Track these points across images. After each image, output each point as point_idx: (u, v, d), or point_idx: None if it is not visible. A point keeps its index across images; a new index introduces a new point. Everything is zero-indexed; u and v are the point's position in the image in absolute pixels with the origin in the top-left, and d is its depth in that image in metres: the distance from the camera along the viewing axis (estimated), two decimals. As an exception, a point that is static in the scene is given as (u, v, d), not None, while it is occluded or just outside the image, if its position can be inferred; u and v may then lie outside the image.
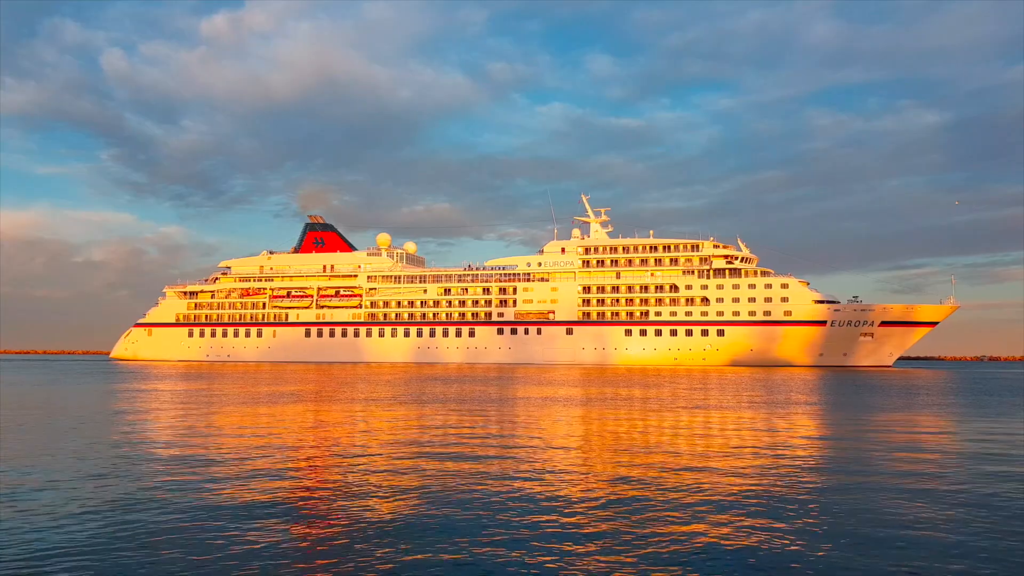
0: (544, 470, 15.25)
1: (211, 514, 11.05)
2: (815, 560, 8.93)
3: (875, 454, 18.15)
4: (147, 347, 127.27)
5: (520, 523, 10.60)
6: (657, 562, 8.78)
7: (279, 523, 10.59)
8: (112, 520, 10.57)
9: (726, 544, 9.54)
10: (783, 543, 9.59)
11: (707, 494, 12.74)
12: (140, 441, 20.13)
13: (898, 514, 11.30)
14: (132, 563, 8.66)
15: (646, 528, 10.33)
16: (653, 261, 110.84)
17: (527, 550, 9.25)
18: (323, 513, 11.28)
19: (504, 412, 28.91)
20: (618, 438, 21.13)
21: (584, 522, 10.73)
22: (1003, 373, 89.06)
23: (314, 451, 18.26)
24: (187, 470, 14.98)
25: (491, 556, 9.03)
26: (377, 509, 11.49)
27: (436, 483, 13.76)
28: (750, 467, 15.73)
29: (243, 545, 9.40)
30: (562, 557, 8.97)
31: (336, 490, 13.07)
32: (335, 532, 10.14)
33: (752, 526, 10.48)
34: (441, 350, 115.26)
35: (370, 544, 9.52)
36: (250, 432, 22.29)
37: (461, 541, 9.67)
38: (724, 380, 57.96)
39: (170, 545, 9.40)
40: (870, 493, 13.05)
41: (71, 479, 13.83)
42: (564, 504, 11.89)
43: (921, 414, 29.02)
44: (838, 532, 10.21)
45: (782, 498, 12.41)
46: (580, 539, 9.76)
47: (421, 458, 16.89)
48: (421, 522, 10.67)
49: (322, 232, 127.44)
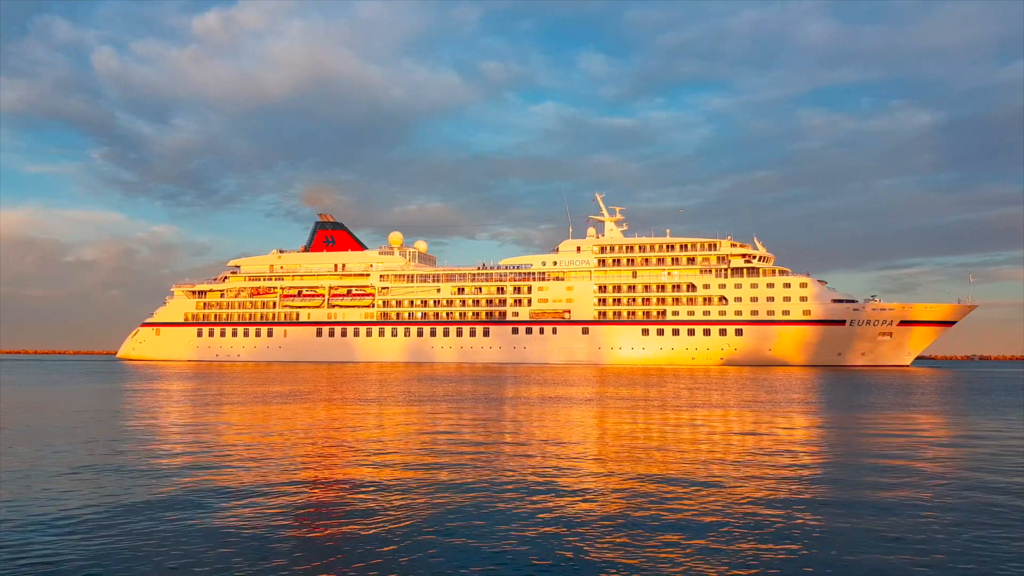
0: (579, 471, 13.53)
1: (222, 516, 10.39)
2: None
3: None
4: (155, 347, 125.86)
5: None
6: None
7: (317, 522, 9.99)
8: (112, 521, 10.09)
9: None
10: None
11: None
12: (150, 442, 18.57)
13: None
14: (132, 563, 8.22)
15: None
16: (670, 260, 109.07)
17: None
18: (338, 513, 10.71)
19: (542, 413, 27.21)
20: (671, 440, 19.41)
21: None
22: (1008, 373, 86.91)
23: (340, 451, 16.66)
24: (196, 472, 14.06)
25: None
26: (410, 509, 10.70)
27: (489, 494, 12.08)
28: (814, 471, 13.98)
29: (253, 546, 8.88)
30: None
31: (359, 489, 12.19)
32: (353, 531, 9.71)
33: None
34: (455, 349, 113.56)
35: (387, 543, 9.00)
36: (290, 438, 20.68)
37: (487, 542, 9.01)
38: (746, 380, 56.09)
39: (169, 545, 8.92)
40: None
41: (74, 479, 13.16)
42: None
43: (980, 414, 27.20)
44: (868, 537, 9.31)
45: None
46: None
47: (463, 460, 15.24)
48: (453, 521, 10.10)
49: (332, 231, 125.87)
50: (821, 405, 31.27)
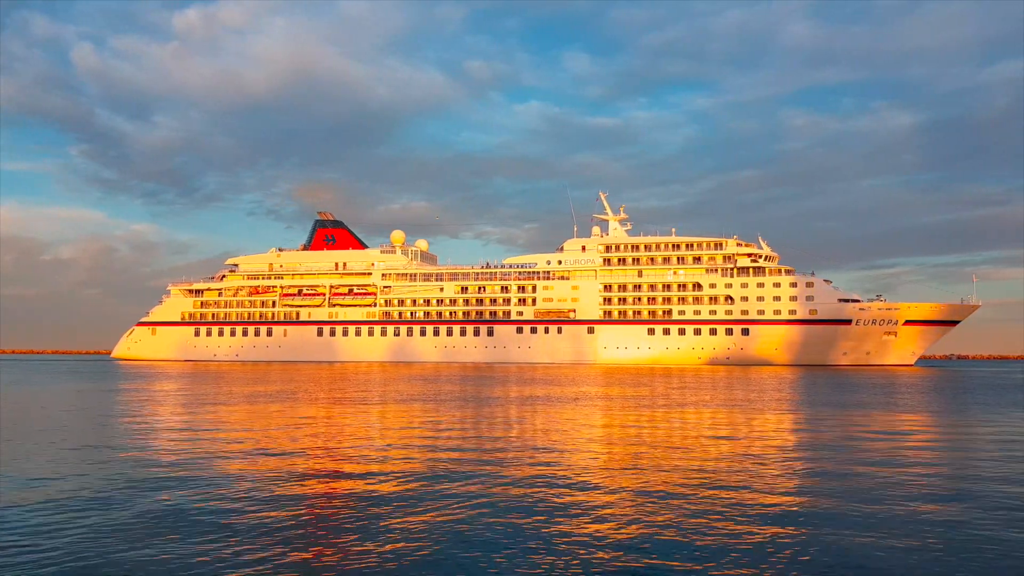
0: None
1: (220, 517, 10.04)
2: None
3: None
4: (151, 346, 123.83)
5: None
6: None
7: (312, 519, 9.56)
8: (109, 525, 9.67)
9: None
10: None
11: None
12: (146, 443, 17.36)
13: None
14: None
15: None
16: (675, 259, 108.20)
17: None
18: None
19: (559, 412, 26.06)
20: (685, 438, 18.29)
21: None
22: (996, 372, 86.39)
23: (348, 454, 15.49)
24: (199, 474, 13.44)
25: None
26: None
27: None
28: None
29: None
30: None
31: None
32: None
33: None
34: (459, 349, 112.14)
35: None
36: (307, 440, 19.48)
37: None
38: (754, 380, 55.09)
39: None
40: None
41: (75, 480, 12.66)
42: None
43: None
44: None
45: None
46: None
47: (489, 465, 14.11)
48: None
49: (333, 229, 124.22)
50: (864, 407, 30.24)
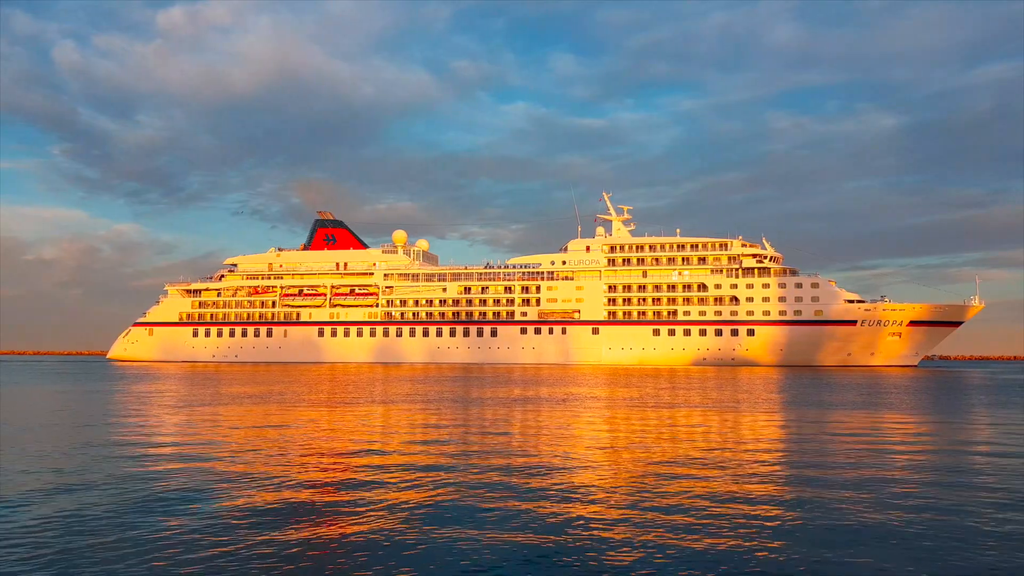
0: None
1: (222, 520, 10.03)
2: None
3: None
4: (148, 347, 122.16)
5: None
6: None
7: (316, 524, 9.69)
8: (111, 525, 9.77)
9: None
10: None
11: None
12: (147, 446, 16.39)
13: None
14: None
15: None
16: (680, 260, 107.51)
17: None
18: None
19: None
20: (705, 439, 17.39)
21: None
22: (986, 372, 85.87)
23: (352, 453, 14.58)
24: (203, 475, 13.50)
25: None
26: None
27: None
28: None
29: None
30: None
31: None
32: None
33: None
34: (462, 350, 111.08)
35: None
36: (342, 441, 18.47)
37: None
38: (761, 381, 54.26)
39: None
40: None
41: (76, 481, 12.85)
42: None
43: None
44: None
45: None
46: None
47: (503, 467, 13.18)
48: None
49: (333, 229, 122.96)
50: (893, 407, 29.37)
